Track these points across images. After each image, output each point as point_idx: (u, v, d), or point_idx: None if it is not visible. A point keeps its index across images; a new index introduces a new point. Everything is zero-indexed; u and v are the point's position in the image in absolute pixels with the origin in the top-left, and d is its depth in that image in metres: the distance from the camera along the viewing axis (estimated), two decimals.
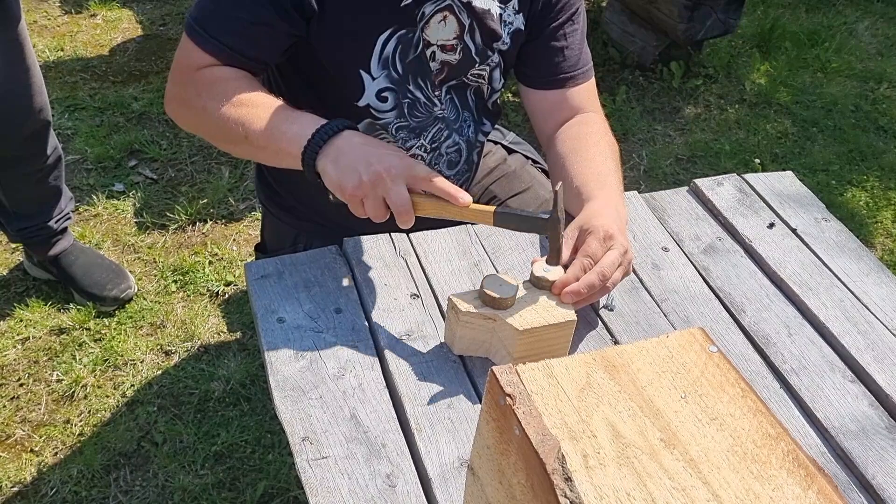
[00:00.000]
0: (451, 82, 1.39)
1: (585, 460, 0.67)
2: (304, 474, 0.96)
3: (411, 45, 1.31)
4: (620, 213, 1.23)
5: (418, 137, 1.41)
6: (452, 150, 1.46)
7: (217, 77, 1.23)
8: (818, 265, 1.34)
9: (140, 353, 2.11)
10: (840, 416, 1.10)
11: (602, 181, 1.28)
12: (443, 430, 1.02)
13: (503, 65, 1.42)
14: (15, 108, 1.87)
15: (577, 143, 1.36)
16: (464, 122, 1.45)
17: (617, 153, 1.37)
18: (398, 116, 1.37)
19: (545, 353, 1.07)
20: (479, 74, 1.41)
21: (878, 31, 3.80)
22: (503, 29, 1.36)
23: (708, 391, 0.75)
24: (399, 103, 1.36)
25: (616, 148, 1.38)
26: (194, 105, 1.24)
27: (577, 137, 1.37)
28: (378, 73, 1.31)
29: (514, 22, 1.37)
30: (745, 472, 0.68)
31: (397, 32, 1.29)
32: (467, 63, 1.37)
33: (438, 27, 1.31)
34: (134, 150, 2.77)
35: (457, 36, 1.33)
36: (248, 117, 1.17)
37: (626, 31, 3.37)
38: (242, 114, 1.18)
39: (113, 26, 3.43)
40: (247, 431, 1.95)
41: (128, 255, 2.40)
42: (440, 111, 1.40)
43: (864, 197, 2.86)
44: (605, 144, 1.36)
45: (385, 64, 1.31)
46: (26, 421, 1.95)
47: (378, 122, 1.37)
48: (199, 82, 1.24)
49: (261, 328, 1.14)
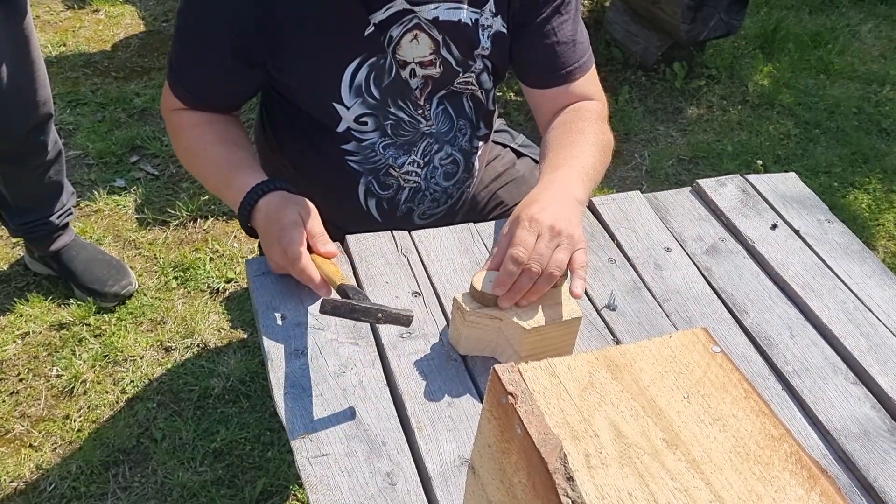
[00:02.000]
0: (440, 93, 1.38)
1: (587, 460, 0.67)
2: (304, 471, 0.96)
3: (385, 70, 1.30)
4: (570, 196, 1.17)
5: (408, 154, 1.41)
6: (447, 161, 1.45)
7: (182, 124, 1.34)
8: (821, 267, 1.33)
9: (140, 349, 2.11)
10: (842, 418, 1.09)
11: (558, 164, 1.24)
12: (443, 429, 1.02)
13: (491, 67, 1.39)
14: (20, 101, 1.88)
15: (559, 132, 1.33)
16: (458, 131, 1.44)
17: (602, 140, 1.33)
18: (382, 136, 1.37)
19: (551, 352, 1.07)
20: (467, 82, 1.39)
21: (882, 33, 3.80)
22: (481, 34, 1.33)
23: (711, 392, 0.74)
24: (381, 125, 1.36)
25: (604, 136, 1.34)
26: (174, 145, 1.39)
27: (563, 124, 1.34)
28: (351, 102, 1.32)
29: (492, 25, 1.33)
30: (747, 474, 0.68)
31: (367, 61, 1.28)
32: (450, 74, 1.36)
33: (411, 46, 1.30)
34: (135, 146, 2.77)
35: (433, 51, 1.31)
36: (202, 172, 1.33)
37: (629, 31, 3.36)
38: (197, 168, 1.34)
39: (115, 22, 3.42)
40: (246, 428, 1.94)
41: (128, 250, 2.40)
42: (427, 127, 1.39)
43: (867, 199, 2.86)
44: (588, 132, 1.32)
45: (358, 92, 1.31)
46: (25, 416, 1.94)
47: (363, 143, 1.37)
48: (171, 126, 1.37)
49: (261, 325, 1.13)
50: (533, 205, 1.13)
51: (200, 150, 1.31)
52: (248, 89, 1.37)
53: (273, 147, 1.50)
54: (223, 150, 1.29)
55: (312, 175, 1.43)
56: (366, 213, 1.46)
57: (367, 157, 1.39)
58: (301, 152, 1.44)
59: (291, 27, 1.23)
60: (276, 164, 1.49)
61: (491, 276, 1.06)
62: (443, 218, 1.52)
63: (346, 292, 1.07)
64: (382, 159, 1.39)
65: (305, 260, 1.12)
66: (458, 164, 1.46)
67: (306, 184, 1.33)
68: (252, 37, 1.23)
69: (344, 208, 1.44)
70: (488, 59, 1.37)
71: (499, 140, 1.64)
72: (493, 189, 1.60)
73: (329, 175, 1.41)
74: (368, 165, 1.40)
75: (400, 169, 1.41)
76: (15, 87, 1.84)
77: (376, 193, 1.44)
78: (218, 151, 1.29)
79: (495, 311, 1.06)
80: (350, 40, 1.26)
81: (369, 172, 1.41)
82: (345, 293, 1.07)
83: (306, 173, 1.44)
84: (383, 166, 1.40)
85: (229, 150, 1.29)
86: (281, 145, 1.48)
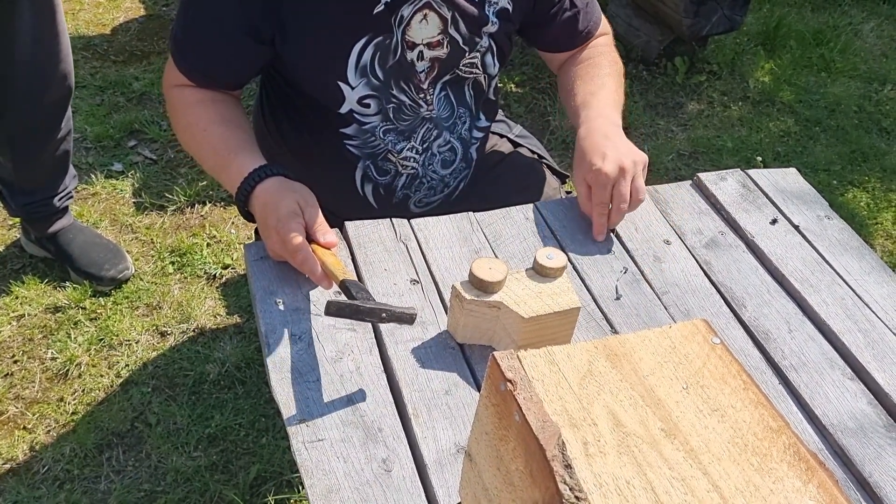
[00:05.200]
0: (444, 78, 1.38)
1: (585, 448, 0.67)
2: (300, 456, 0.96)
3: (390, 51, 1.30)
4: (610, 124, 1.34)
5: (408, 140, 1.40)
6: (445, 148, 1.45)
7: (184, 101, 1.32)
8: (820, 262, 1.33)
9: (135, 333, 2.10)
10: (838, 413, 1.09)
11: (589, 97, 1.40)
12: (440, 416, 1.01)
13: (495, 47, 1.40)
14: (40, 73, 1.87)
15: (582, 67, 1.48)
16: (458, 118, 1.44)
17: (616, 69, 1.49)
18: (384, 120, 1.37)
19: (549, 341, 1.06)
20: (471, 63, 1.39)
21: (884, 32, 3.79)
22: (488, 10, 1.35)
23: (710, 382, 0.74)
24: (383, 108, 1.35)
25: (618, 64, 1.51)
26: (172, 123, 1.38)
27: (583, 60, 1.49)
28: (356, 82, 1.31)
29: (498, 2, 1.35)
30: (745, 464, 0.68)
31: (374, 40, 1.28)
32: (457, 54, 1.35)
33: (420, 27, 1.30)
34: (134, 131, 2.76)
35: (441, 31, 1.31)
36: (200, 152, 1.31)
37: (631, 25, 3.35)
38: (196, 147, 1.31)
39: (115, 5, 3.40)
40: (241, 414, 1.94)
41: (125, 235, 2.39)
42: (427, 112, 1.39)
43: (865, 198, 2.86)
44: (606, 64, 1.47)
45: (363, 72, 1.30)
46: (20, 398, 1.94)
47: (364, 126, 1.37)
48: (171, 103, 1.35)
49: (259, 310, 1.13)
50: (596, 155, 1.27)
51: (200, 130, 1.29)
52: (254, 66, 1.35)
53: (272, 131, 1.49)
54: (223, 130, 1.28)
55: (309, 159, 1.42)
56: (362, 198, 1.45)
57: (366, 142, 1.38)
58: (299, 136, 1.44)
59: (299, 3, 1.22)
60: (274, 149, 1.48)
61: (491, 264, 1.06)
62: (439, 207, 1.52)
63: (350, 289, 1.06)
64: (382, 144, 1.39)
65: (305, 251, 1.11)
66: (456, 153, 1.46)
67: (303, 169, 1.33)
68: (261, 12, 1.22)
69: (340, 194, 1.43)
70: (494, 38, 1.38)
71: (496, 130, 1.64)
72: (490, 178, 1.59)
73: (326, 159, 1.41)
74: (367, 150, 1.40)
75: (399, 154, 1.41)
76: (37, 60, 1.83)
77: (373, 179, 1.43)
78: (218, 131, 1.28)
79: (494, 299, 1.06)
80: (358, 18, 1.25)
81: (367, 157, 1.40)
82: (348, 290, 1.06)
83: (303, 158, 1.44)
84: (382, 151, 1.40)
85: (229, 130, 1.28)
86: (280, 130, 1.47)
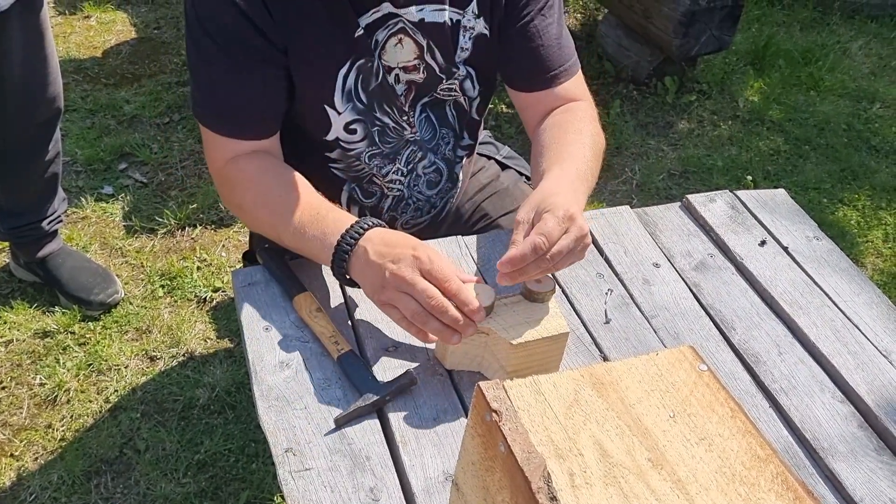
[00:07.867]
0: (423, 100, 1.37)
1: (571, 479, 0.66)
2: (287, 486, 0.95)
3: (372, 74, 1.29)
4: (578, 192, 1.17)
5: (393, 162, 1.40)
6: (430, 170, 1.44)
7: (243, 175, 1.25)
8: (809, 284, 1.33)
9: (125, 358, 2.09)
10: (829, 436, 1.09)
11: (562, 158, 1.23)
12: (428, 444, 1.01)
13: (474, 73, 1.38)
14: (29, 94, 1.88)
15: (557, 131, 1.31)
16: (441, 139, 1.43)
17: (598, 142, 1.32)
18: (369, 145, 1.36)
19: (538, 367, 1.06)
20: (450, 88, 1.38)
21: (872, 50, 3.82)
22: (462, 35, 1.33)
23: (697, 411, 0.74)
24: (369, 133, 1.35)
25: (599, 138, 1.33)
26: (231, 202, 1.29)
27: (561, 124, 1.33)
28: (343, 108, 1.31)
29: (475, 27, 1.33)
30: (733, 495, 0.67)
31: (356, 63, 1.27)
32: (433, 80, 1.35)
33: (395, 50, 1.29)
34: (124, 154, 2.75)
35: (417, 56, 1.31)
36: (277, 224, 1.19)
37: (621, 45, 3.37)
38: (271, 220, 1.21)
39: (107, 28, 3.41)
40: (231, 440, 1.93)
41: (115, 258, 2.38)
42: (411, 134, 1.38)
43: (855, 216, 2.87)
44: (586, 133, 1.30)
45: (349, 97, 1.30)
46: (7, 425, 1.92)
47: (349, 153, 1.36)
48: (229, 181, 1.27)
49: (246, 336, 1.12)
50: (561, 197, 1.10)
51: (277, 197, 1.21)
52: (282, 99, 1.29)
53: None
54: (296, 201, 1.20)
55: None
56: None
57: (350, 166, 1.38)
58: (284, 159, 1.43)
59: (293, 24, 1.22)
60: None
61: (479, 289, 1.06)
62: (426, 228, 1.51)
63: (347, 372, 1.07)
64: (367, 168, 1.39)
65: (457, 282, 1.03)
66: (441, 173, 1.46)
67: None
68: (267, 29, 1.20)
69: None
70: (471, 66, 1.37)
71: (483, 152, 1.64)
72: (478, 201, 1.59)
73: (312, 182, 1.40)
74: (352, 173, 1.39)
75: (384, 178, 1.40)
76: (25, 81, 1.83)
77: (359, 201, 1.43)
78: (293, 201, 1.19)
79: (482, 325, 1.05)
80: (343, 42, 1.25)
81: (353, 180, 1.40)
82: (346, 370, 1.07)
83: None
84: (367, 175, 1.40)
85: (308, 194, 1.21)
86: None
